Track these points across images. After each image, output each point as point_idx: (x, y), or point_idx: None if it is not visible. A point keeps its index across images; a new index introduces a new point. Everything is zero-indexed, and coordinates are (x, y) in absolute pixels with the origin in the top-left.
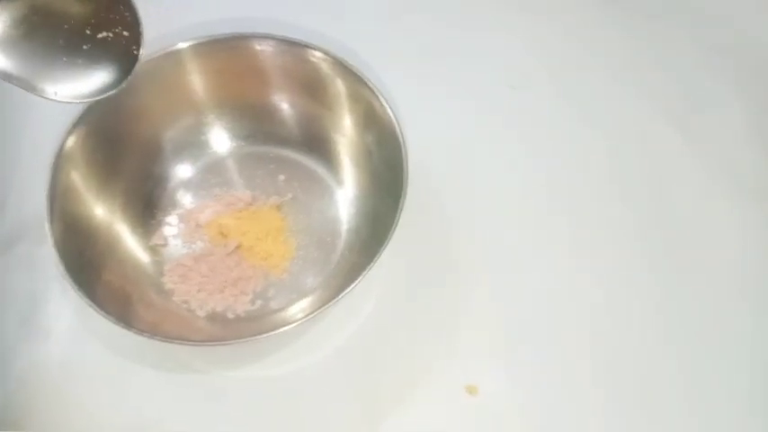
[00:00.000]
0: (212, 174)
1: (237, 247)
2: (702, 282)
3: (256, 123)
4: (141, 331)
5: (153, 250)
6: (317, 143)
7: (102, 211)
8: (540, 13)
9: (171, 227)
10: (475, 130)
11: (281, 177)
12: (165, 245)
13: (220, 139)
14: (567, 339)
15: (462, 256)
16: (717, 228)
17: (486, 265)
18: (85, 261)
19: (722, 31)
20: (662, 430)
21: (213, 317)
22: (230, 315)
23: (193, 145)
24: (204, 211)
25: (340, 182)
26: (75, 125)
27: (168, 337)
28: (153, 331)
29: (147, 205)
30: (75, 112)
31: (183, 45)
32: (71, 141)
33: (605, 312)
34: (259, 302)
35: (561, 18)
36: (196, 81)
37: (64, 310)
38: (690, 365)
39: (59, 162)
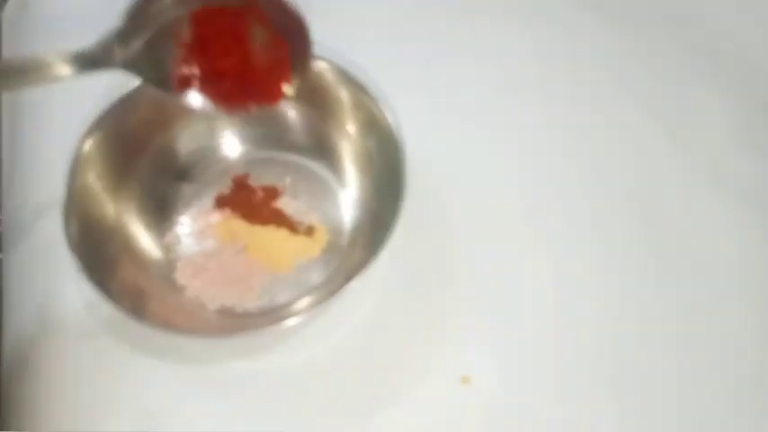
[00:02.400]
0: (223, 176)
1: (246, 246)
2: (690, 281)
3: (265, 129)
4: (155, 325)
5: (166, 248)
6: (321, 148)
7: (118, 211)
8: (535, 20)
9: (183, 226)
10: (471, 131)
11: (288, 180)
12: (177, 243)
13: (231, 144)
14: (560, 334)
15: (460, 253)
16: (704, 228)
17: (482, 262)
18: (101, 258)
19: (709, 35)
20: (653, 422)
21: (223, 311)
22: (239, 309)
23: (205, 149)
24: (215, 212)
25: (344, 184)
26: (92, 129)
27: (180, 330)
28: (166, 325)
29: (160, 206)
30: (92, 115)
31: None
32: (88, 144)
33: (597, 308)
34: (266, 298)
35: (555, 24)
36: None
37: (78, 306)
38: (680, 362)
39: (77, 164)
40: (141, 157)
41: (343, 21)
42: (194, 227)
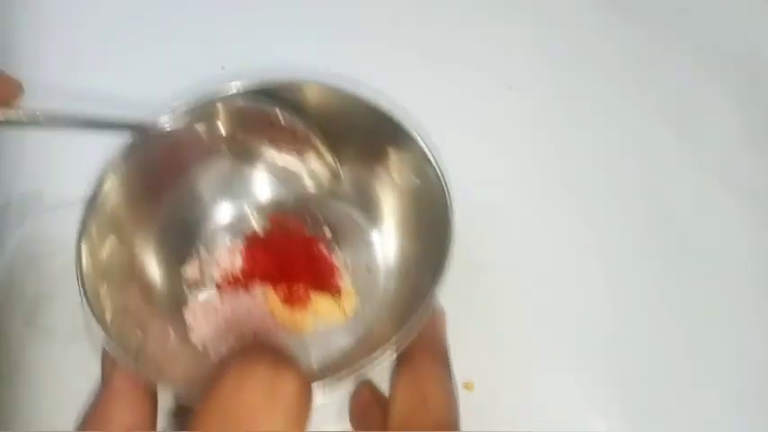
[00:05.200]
0: (256, 214)
1: (266, 297)
2: (699, 280)
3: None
4: (147, 371)
5: (181, 284)
6: (359, 190)
7: (137, 239)
8: (537, 21)
9: (204, 264)
10: (473, 132)
11: (326, 229)
12: (195, 281)
13: (261, 184)
14: (566, 337)
15: (461, 256)
16: (715, 227)
17: (483, 266)
18: (107, 284)
19: (718, 32)
20: (662, 422)
21: None
22: None
23: (233, 186)
24: (237, 254)
25: (384, 244)
26: (114, 163)
27: (173, 379)
28: (159, 371)
29: (183, 241)
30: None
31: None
32: (109, 175)
33: (604, 312)
34: None
35: (561, 22)
36: None
37: (69, 309)
38: (690, 362)
39: (98, 190)
40: (166, 191)
41: (351, 45)
42: (215, 267)
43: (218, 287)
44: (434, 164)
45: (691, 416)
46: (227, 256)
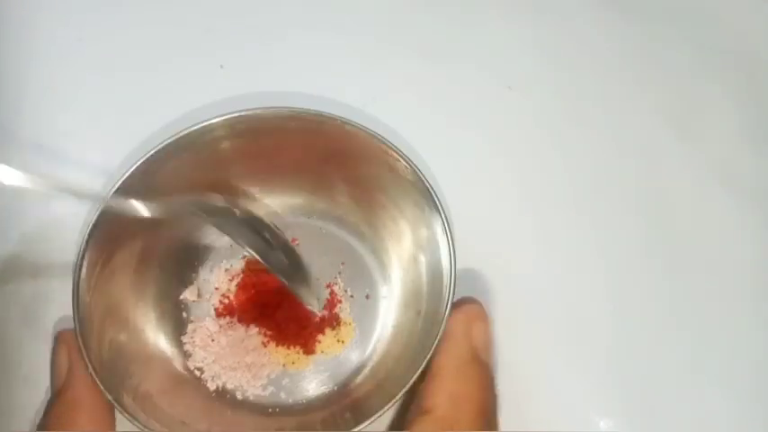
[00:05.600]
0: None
1: (263, 330)
2: (699, 280)
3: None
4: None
5: (181, 307)
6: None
7: (136, 268)
8: (539, 17)
9: (202, 287)
10: (473, 132)
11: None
12: (194, 302)
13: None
14: (564, 337)
15: (459, 255)
16: (716, 227)
17: (482, 265)
18: (104, 314)
19: (720, 32)
20: (659, 426)
21: (222, 393)
22: (239, 396)
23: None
24: (235, 277)
25: (390, 281)
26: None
27: (168, 411)
28: (152, 408)
29: (182, 268)
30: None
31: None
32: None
33: (604, 312)
34: (271, 389)
35: (561, 22)
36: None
37: (68, 309)
38: (688, 362)
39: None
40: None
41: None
42: (216, 294)
43: (217, 314)
44: (442, 215)
45: (691, 416)
46: (224, 278)
